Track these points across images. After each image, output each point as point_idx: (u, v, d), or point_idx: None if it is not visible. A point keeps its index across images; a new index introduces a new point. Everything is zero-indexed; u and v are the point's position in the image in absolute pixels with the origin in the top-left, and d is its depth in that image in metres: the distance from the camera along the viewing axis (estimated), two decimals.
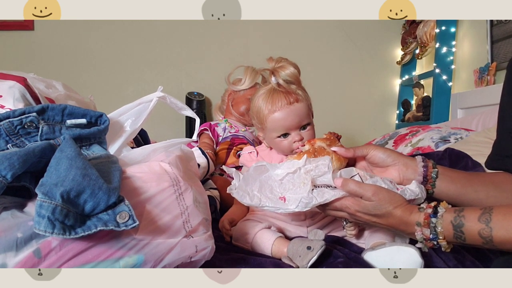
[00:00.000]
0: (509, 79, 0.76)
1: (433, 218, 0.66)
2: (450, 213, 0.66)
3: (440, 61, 2.48)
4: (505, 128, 0.76)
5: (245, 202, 0.76)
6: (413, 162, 0.81)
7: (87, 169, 0.56)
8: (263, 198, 0.74)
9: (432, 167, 0.79)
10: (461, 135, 1.69)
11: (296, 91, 0.91)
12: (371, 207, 0.70)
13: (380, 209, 0.70)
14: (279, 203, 0.73)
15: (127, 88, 2.82)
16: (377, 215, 0.71)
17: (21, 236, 0.53)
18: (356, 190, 0.71)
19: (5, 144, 0.63)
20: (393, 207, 0.70)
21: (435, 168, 0.79)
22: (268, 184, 0.76)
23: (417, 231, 0.68)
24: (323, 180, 0.74)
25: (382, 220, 0.71)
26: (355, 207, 0.72)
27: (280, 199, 0.73)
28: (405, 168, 0.80)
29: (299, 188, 0.73)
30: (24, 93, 0.74)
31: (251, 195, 0.75)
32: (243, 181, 0.77)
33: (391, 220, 0.70)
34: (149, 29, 2.83)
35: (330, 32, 2.97)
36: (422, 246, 0.69)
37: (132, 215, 0.55)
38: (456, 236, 0.64)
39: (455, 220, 0.64)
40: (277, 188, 0.75)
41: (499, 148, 0.79)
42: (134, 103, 0.77)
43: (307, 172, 0.74)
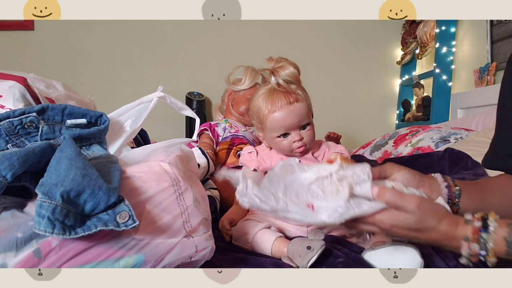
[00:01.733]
0: (510, 75, 0.74)
1: (483, 233, 0.59)
2: (503, 228, 0.58)
3: (440, 61, 2.48)
4: (507, 125, 0.73)
5: (265, 208, 0.64)
6: (435, 182, 0.72)
7: (87, 169, 0.56)
8: (290, 203, 0.63)
9: (453, 186, 0.71)
10: (461, 135, 1.69)
11: (296, 91, 0.91)
12: (414, 221, 0.61)
13: (423, 223, 0.61)
14: (307, 211, 0.63)
15: (127, 88, 2.82)
16: (418, 230, 0.62)
17: (21, 236, 0.53)
18: (396, 201, 0.61)
19: (5, 144, 0.63)
20: (438, 221, 0.61)
21: (456, 186, 0.71)
22: (293, 187, 0.65)
23: (463, 246, 0.60)
24: (360, 190, 0.63)
25: (423, 235, 0.62)
26: (392, 221, 0.62)
27: (308, 207, 0.63)
28: (430, 190, 0.70)
29: (330, 197, 0.63)
30: (24, 93, 0.74)
31: (277, 197, 0.64)
32: (267, 180, 0.66)
33: (434, 235, 0.62)
34: (149, 29, 2.83)
35: (330, 32, 2.97)
36: (465, 262, 0.61)
37: (132, 215, 0.55)
38: (509, 253, 0.57)
39: (510, 236, 0.57)
40: (303, 193, 0.64)
41: (498, 146, 0.76)
42: (134, 103, 0.77)
43: (341, 179, 0.64)
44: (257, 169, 0.96)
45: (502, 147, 0.76)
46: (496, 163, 0.77)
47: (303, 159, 0.95)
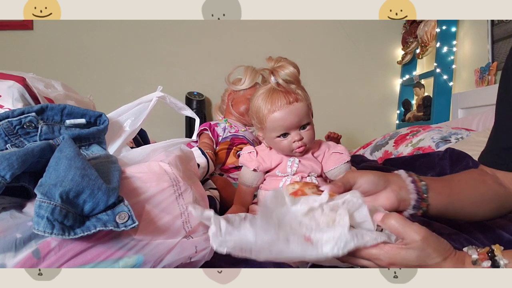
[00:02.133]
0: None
1: None
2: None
3: (441, 61, 2.48)
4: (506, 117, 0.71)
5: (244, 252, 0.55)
6: (400, 179, 0.67)
7: (86, 169, 0.56)
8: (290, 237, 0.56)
9: (419, 181, 0.67)
10: (461, 135, 1.69)
11: (296, 90, 0.91)
12: (415, 257, 0.54)
13: (426, 260, 0.54)
14: (306, 246, 0.56)
15: (127, 88, 2.83)
16: (419, 266, 0.56)
17: (20, 237, 0.53)
18: (399, 229, 0.55)
19: (4, 144, 0.63)
20: (442, 259, 0.55)
21: (422, 181, 0.67)
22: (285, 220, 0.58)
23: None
24: (359, 216, 0.58)
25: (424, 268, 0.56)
26: (390, 258, 0.55)
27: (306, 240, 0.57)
28: (398, 188, 0.66)
29: (327, 228, 0.57)
30: (23, 93, 0.74)
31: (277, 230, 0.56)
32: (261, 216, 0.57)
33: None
34: (149, 29, 2.83)
35: (330, 32, 2.97)
36: None
37: (131, 215, 0.55)
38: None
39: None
40: (297, 226, 0.58)
41: (495, 140, 0.74)
42: (134, 103, 0.77)
43: (334, 209, 0.58)
44: (257, 169, 0.96)
45: (498, 140, 0.75)
46: (491, 158, 0.76)
47: (303, 159, 0.95)
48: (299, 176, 0.93)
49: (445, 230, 0.86)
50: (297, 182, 0.67)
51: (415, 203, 0.66)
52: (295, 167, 0.94)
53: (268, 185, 0.97)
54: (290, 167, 0.94)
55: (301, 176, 0.94)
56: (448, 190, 0.70)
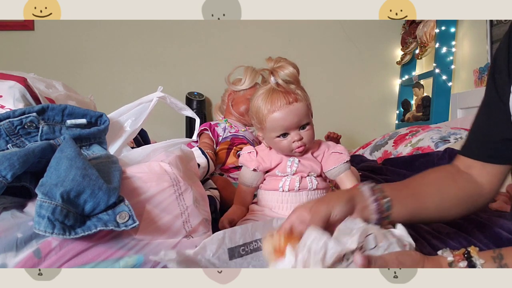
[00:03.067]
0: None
1: None
2: (489, 262, 0.56)
3: (440, 61, 2.48)
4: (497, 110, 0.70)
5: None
6: (363, 198, 0.67)
7: (87, 169, 0.56)
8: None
9: (382, 198, 0.66)
10: (461, 135, 1.69)
11: (295, 90, 0.91)
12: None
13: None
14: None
15: (127, 88, 2.83)
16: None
17: (21, 236, 0.53)
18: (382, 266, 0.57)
19: (5, 144, 0.63)
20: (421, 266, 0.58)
21: (385, 198, 0.66)
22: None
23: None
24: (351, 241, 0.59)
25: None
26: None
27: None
28: (362, 208, 0.66)
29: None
30: (24, 93, 0.74)
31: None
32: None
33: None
34: (149, 29, 2.83)
35: (330, 32, 2.97)
36: None
37: (132, 215, 0.55)
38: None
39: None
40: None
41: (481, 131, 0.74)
42: (134, 103, 0.77)
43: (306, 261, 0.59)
44: (257, 169, 0.96)
45: (487, 132, 0.73)
46: (477, 150, 0.74)
47: (303, 158, 0.95)
48: (299, 176, 0.94)
49: (444, 229, 0.86)
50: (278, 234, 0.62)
51: (376, 222, 0.66)
52: (295, 167, 0.94)
53: (268, 185, 0.98)
54: (290, 167, 0.94)
55: (301, 176, 0.94)
56: (413, 202, 0.70)
